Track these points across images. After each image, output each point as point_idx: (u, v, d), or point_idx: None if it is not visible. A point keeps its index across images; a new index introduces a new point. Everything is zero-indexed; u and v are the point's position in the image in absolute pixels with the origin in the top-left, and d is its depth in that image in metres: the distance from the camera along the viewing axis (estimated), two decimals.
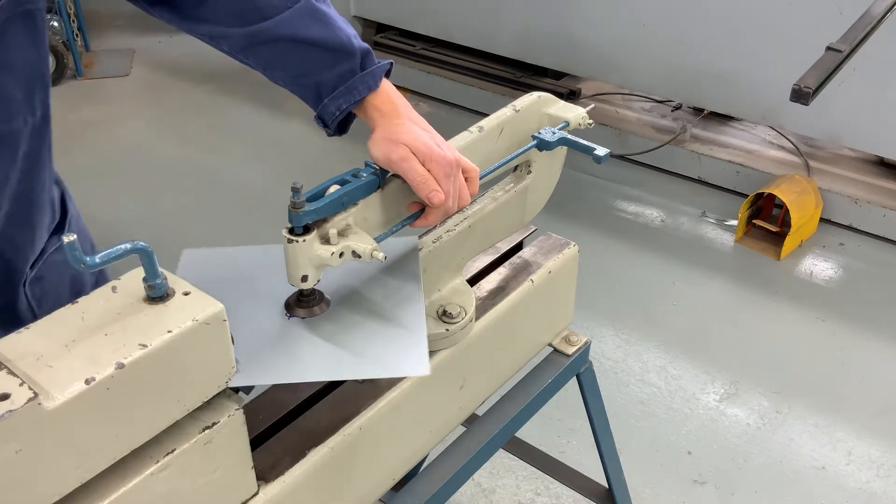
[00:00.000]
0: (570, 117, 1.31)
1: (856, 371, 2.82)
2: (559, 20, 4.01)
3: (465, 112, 4.46)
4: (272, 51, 1.12)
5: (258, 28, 1.11)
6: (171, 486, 0.88)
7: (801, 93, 1.69)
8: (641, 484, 2.37)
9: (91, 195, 3.80)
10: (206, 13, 1.13)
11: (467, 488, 2.35)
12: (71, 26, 4.97)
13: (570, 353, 1.51)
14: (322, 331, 1.07)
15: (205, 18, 1.13)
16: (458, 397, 1.31)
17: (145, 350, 0.78)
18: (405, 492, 1.26)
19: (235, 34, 1.12)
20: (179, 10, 1.14)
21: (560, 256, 1.47)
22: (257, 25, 1.11)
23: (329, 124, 1.17)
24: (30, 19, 1.05)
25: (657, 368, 2.82)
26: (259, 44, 1.12)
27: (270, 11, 1.10)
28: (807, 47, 2.10)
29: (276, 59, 1.14)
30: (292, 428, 1.11)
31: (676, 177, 3.94)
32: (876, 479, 2.43)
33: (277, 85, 1.18)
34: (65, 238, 0.75)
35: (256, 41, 1.12)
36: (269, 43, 1.12)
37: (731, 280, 3.29)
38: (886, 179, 3.64)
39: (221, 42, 1.15)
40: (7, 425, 0.70)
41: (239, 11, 1.11)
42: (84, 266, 0.77)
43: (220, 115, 4.61)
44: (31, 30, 1.06)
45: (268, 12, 1.10)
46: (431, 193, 1.08)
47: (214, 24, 1.13)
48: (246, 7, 1.11)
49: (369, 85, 1.13)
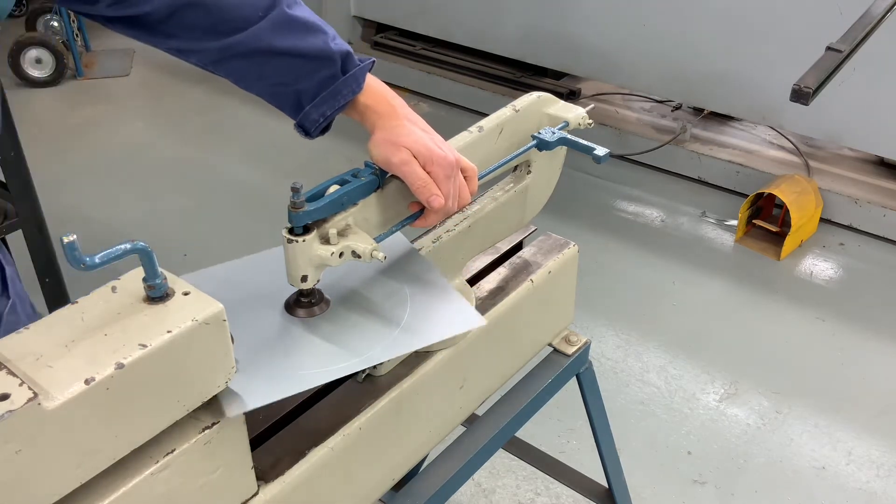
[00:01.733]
0: (570, 117, 1.31)
1: (856, 371, 2.82)
2: (559, 20, 4.01)
3: (465, 112, 4.46)
4: (246, 63, 1.07)
5: (231, 41, 1.05)
6: (171, 486, 0.88)
7: (801, 93, 1.69)
8: (641, 484, 2.37)
9: (91, 195, 3.81)
10: (172, 29, 1.06)
11: (467, 488, 2.35)
12: (71, 26, 4.97)
13: (570, 353, 1.51)
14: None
15: (171, 34, 1.07)
16: (458, 397, 1.31)
17: (145, 350, 0.78)
18: (405, 492, 1.26)
19: (206, 48, 1.07)
20: (143, 27, 1.07)
21: (560, 256, 1.47)
22: (230, 38, 1.05)
23: (311, 132, 1.13)
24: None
25: (657, 368, 2.82)
26: (231, 57, 1.07)
27: (242, 23, 1.05)
28: (807, 47, 2.10)
29: (250, 71, 1.09)
30: (292, 428, 1.11)
31: (676, 177, 3.94)
32: (876, 479, 2.43)
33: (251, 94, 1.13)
34: (64, 238, 0.74)
35: (228, 54, 1.07)
36: (242, 56, 1.06)
37: (731, 280, 3.29)
38: (886, 179, 3.64)
39: (190, 55, 1.09)
40: (7, 425, 0.70)
41: (208, 26, 1.05)
42: (84, 266, 0.77)
43: (219, 115, 4.61)
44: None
45: (240, 24, 1.05)
46: (431, 197, 1.07)
47: (182, 40, 1.07)
48: (214, 20, 1.05)
49: (353, 88, 1.10)
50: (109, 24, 1.09)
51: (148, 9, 1.04)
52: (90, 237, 3.60)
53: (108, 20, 1.08)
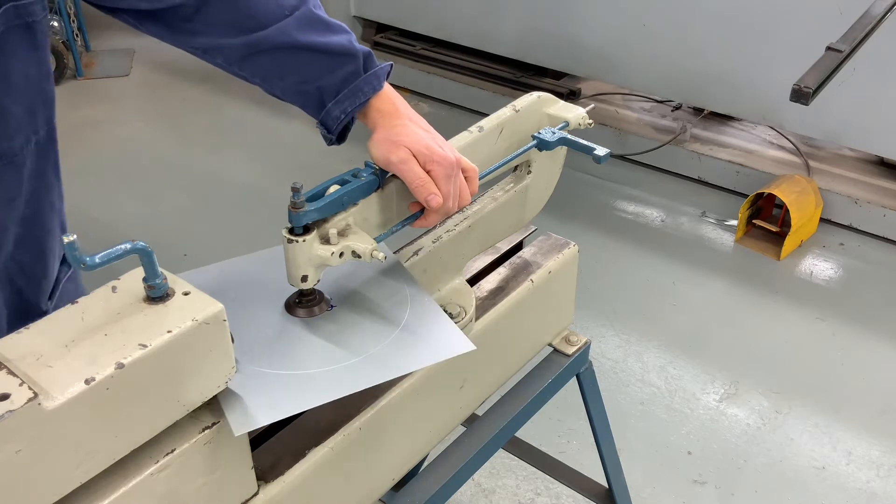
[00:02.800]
0: (570, 117, 1.31)
1: (856, 371, 2.82)
2: (559, 20, 4.01)
3: (465, 112, 4.46)
4: (271, 60, 1.09)
5: (255, 37, 1.07)
6: (171, 486, 0.88)
7: (801, 93, 1.69)
8: (641, 484, 2.37)
9: (91, 195, 3.81)
10: (198, 26, 1.08)
11: (467, 488, 2.35)
12: (71, 26, 4.97)
13: (570, 353, 1.51)
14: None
15: (197, 31, 1.09)
16: (458, 397, 1.31)
17: (145, 350, 0.78)
18: (405, 492, 1.26)
19: (231, 45, 1.08)
20: (170, 24, 1.09)
21: (560, 256, 1.47)
22: (254, 35, 1.07)
23: (332, 129, 1.14)
24: (29, 33, 1.01)
25: (657, 368, 2.82)
26: (256, 53, 1.08)
27: (267, 20, 1.06)
28: (807, 47, 2.10)
29: (275, 68, 1.10)
30: (292, 428, 1.11)
31: (676, 177, 3.94)
32: (876, 479, 2.43)
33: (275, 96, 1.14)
34: (64, 238, 0.74)
35: (254, 51, 1.08)
36: (267, 52, 1.08)
37: (731, 280, 3.29)
38: (886, 179, 3.64)
39: (216, 54, 1.11)
40: (7, 425, 0.70)
41: (234, 21, 1.07)
42: (84, 266, 0.77)
43: (219, 114, 4.62)
44: (30, 44, 1.02)
45: (265, 21, 1.06)
46: (430, 196, 1.07)
47: (208, 36, 1.09)
48: (241, 16, 1.06)
49: (374, 86, 1.11)
50: (139, 24, 1.11)
51: (178, 1, 1.06)
52: (90, 237, 3.60)
53: (137, 17, 1.10)
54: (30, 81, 1.04)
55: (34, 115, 1.07)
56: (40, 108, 1.07)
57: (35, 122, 1.07)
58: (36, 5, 1.01)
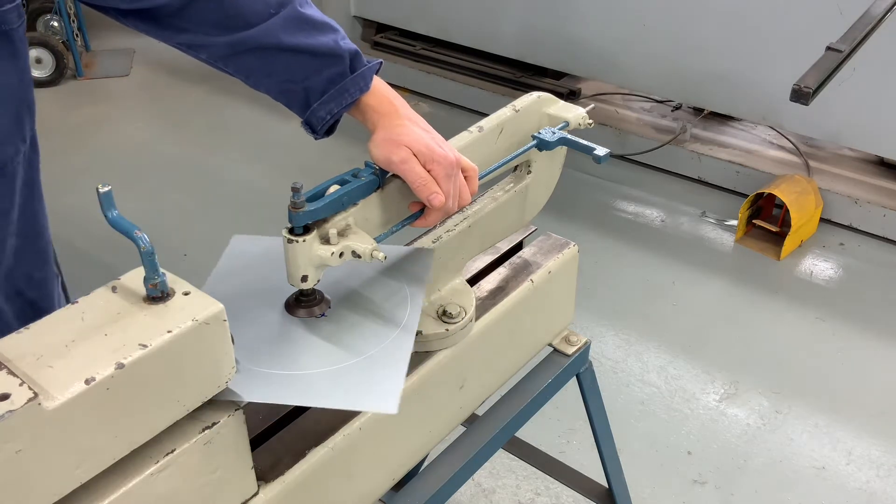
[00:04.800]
0: (570, 117, 1.31)
1: (856, 371, 2.82)
2: (559, 20, 4.01)
3: (465, 112, 4.46)
4: (256, 59, 1.08)
5: (241, 36, 1.06)
6: (171, 486, 0.88)
7: (801, 93, 1.69)
8: (641, 484, 2.37)
9: (91, 195, 3.78)
10: (184, 22, 1.07)
11: (467, 488, 2.35)
12: (71, 26, 4.97)
13: (570, 353, 1.51)
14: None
15: (183, 28, 1.08)
16: (458, 397, 1.31)
17: (145, 350, 0.78)
18: (405, 492, 1.26)
19: (216, 43, 1.08)
20: (156, 20, 1.08)
21: (560, 256, 1.46)
22: (240, 34, 1.06)
23: (318, 129, 1.14)
24: (7, 41, 0.99)
25: (657, 368, 2.82)
26: (242, 52, 1.08)
27: (254, 19, 1.06)
28: (807, 47, 2.10)
29: (260, 67, 1.10)
30: (292, 428, 1.11)
31: (676, 177, 3.94)
32: (876, 479, 2.43)
33: (259, 91, 1.14)
34: (100, 188, 0.77)
35: (239, 50, 1.08)
36: (252, 51, 1.07)
37: (731, 280, 3.29)
38: (886, 179, 3.64)
39: (200, 51, 1.10)
40: (7, 425, 0.70)
41: (220, 20, 1.06)
42: (110, 218, 0.83)
43: (219, 114, 4.62)
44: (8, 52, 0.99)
45: (251, 20, 1.06)
46: (431, 195, 1.07)
47: (193, 34, 1.08)
48: (228, 15, 1.06)
49: (360, 87, 1.10)
50: (123, 18, 1.10)
51: (162, 1, 1.06)
52: (90, 237, 3.60)
53: (122, 14, 1.09)
54: (12, 91, 1.02)
55: (21, 124, 1.05)
56: (26, 117, 1.05)
57: (22, 132, 1.05)
58: (11, 13, 0.98)
